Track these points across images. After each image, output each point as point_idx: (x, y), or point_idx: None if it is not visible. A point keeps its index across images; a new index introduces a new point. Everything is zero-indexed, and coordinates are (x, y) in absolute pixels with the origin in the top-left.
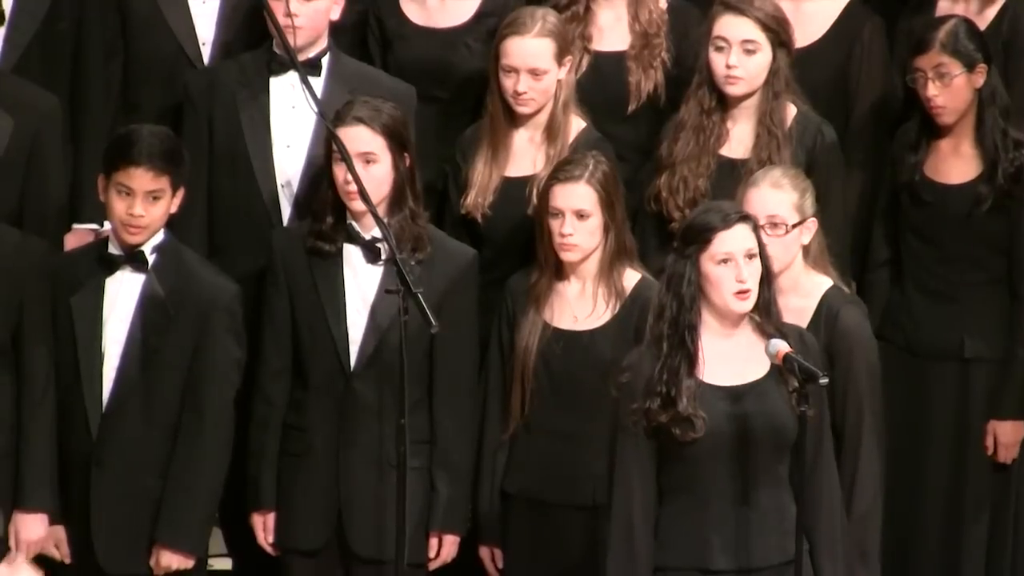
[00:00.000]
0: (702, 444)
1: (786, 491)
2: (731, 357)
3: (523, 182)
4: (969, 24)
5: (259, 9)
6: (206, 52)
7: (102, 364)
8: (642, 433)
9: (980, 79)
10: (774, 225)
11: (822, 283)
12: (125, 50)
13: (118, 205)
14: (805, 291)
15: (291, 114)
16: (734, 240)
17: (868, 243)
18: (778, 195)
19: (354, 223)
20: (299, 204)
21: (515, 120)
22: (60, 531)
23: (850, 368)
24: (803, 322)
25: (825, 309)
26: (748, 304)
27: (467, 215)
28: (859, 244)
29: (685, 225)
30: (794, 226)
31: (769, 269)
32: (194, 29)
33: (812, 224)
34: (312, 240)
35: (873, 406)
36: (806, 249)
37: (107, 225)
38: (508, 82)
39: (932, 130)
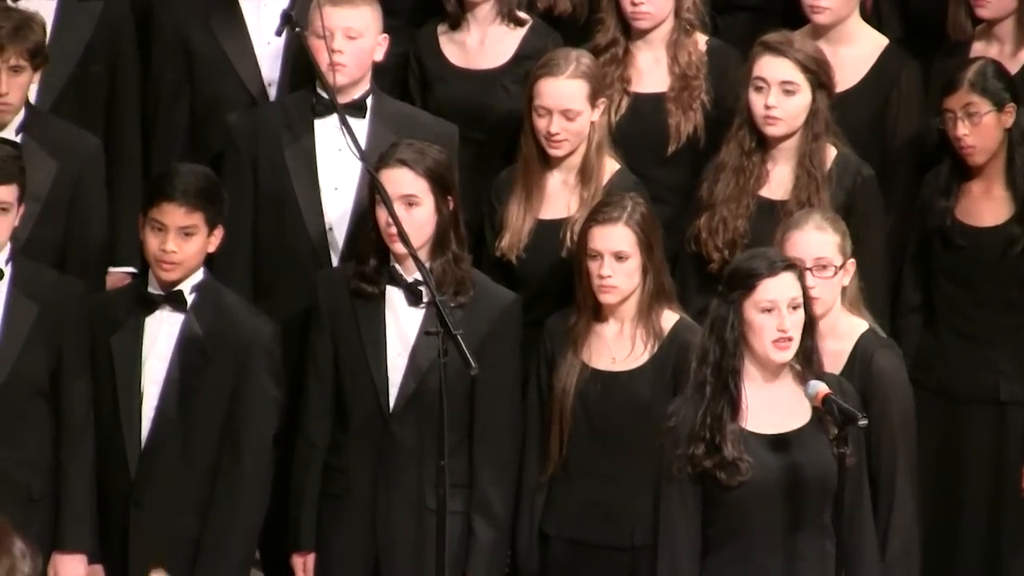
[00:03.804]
0: (747, 491)
1: (829, 537)
2: (773, 406)
3: (557, 224)
4: (997, 65)
5: None
6: (272, 92)
7: (141, 404)
8: (687, 480)
9: (1009, 119)
10: (822, 267)
11: (858, 326)
12: (191, 93)
13: (152, 241)
14: (841, 334)
15: (337, 156)
16: (779, 288)
17: (899, 287)
18: (823, 237)
19: (397, 265)
20: (346, 246)
21: (549, 162)
22: (99, 571)
23: (884, 412)
24: (838, 366)
25: (860, 352)
26: (788, 354)
27: (502, 257)
28: (892, 287)
29: (731, 269)
30: (839, 268)
31: (812, 318)
32: (259, 70)
33: (851, 266)
34: (355, 282)
35: (908, 450)
36: (843, 291)
37: None
38: (541, 123)
39: (963, 173)
